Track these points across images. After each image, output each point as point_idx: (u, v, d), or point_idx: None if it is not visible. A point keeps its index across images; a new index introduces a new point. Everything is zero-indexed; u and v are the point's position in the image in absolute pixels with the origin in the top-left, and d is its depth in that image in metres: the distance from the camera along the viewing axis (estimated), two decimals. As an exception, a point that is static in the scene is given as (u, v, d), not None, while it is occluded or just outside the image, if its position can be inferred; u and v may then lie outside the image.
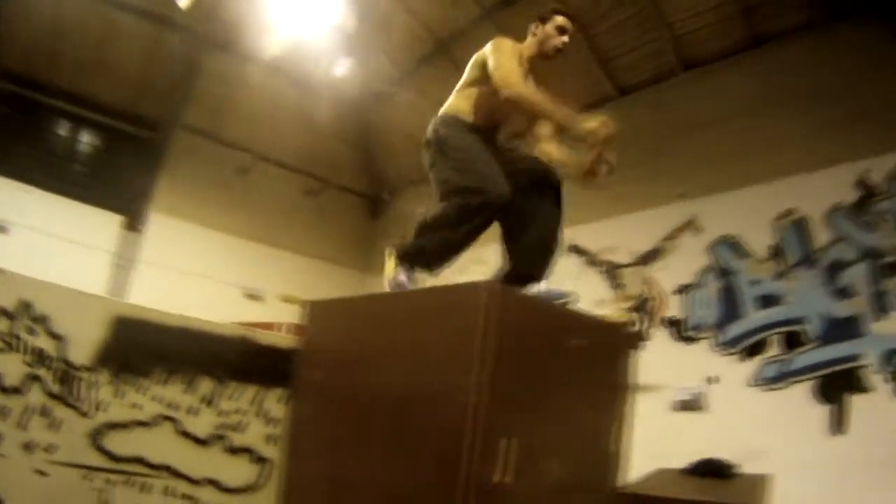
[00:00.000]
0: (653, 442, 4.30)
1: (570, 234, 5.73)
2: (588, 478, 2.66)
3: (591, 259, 5.85)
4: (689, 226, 5.44)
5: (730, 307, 5.29)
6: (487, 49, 2.45)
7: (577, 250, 5.93)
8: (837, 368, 4.89)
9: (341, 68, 6.52)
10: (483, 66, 2.45)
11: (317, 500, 2.41)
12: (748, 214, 5.25)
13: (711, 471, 3.41)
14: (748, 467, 3.60)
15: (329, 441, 2.46)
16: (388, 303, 2.70)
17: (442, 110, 2.57)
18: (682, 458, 3.65)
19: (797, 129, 5.19)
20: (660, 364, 5.42)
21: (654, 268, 5.59)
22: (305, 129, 7.27)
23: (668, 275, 5.53)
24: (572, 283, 5.84)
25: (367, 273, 7.80)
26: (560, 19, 2.56)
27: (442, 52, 6.20)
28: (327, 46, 6.40)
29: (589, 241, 5.87)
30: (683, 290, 5.45)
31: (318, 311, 2.74)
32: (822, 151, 5.13)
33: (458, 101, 2.56)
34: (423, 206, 2.67)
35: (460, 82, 2.60)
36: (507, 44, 2.45)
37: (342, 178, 8.03)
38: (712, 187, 5.37)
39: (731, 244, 5.32)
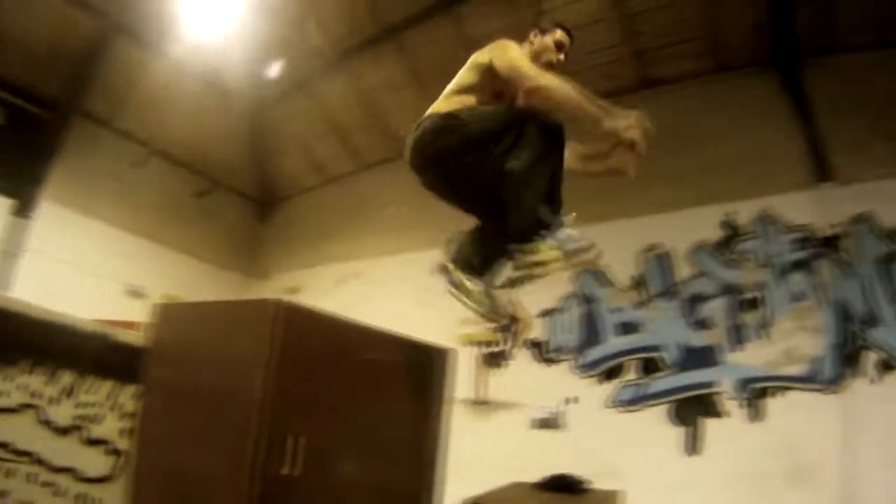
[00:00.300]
0: (513, 457, 4.43)
1: (442, 253, 5.89)
2: (399, 482, 2.90)
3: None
4: (561, 254, 5.57)
5: (590, 332, 5.50)
6: (490, 50, 2.30)
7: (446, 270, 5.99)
8: (693, 394, 5.25)
9: (241, 69, 6.50)
10: (482, 69, 2.30)
11: (156, 490, 2.53)
12: (614, 247, 5.42)
13: (563, 486, 3.54)
14: (605, 484, 3.75)
15: (166, 434, 2.60)
16: (210, 309, 2.90)
17: (431, 111, 2.34)
18: (540, 473, 3.76)
19: (670, 170, 5.45)
20: (521, 383, 5.67)
21: (522, 291, 5.66)
22: (202, 128, 7.16)
23: (534, 299, 5.64)
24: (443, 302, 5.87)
25: (252, 277, 7.68)
26: (560, 34, 2.49)
27: (338, 63, 6.27)
28: (231, 46, 6.39)
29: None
30: (547, 313, 5.57)
31: (168, 313, 2.86)
32: (692, 191, 5.39)
33: (448, 105, 2.32)
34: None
35: (450, 87, 2.40)
36: (513, 44, 2.33)
37: (233, 180, 7.92)
38: (583, 219, 5.50)
39: (595, 273, 5.50)
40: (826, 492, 5.07)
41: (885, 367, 5.24)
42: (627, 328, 5.46)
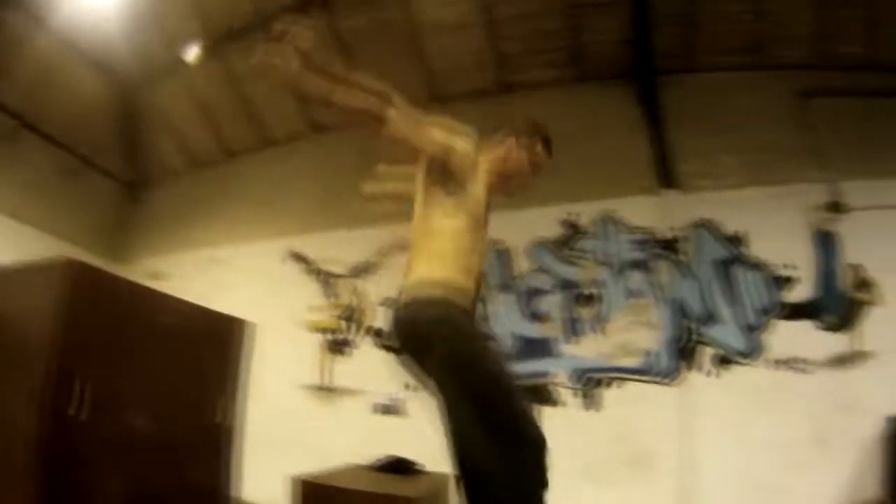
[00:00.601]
0: (356, 442, 4.36)
1: (294, 242, 5.87)
2: (188, 438, 3.21)
3: (310, 267, 5.87)
4: (401, 244, 5.57)
5: None
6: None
7: (298, 258, 5.95)
8: (529, 382, 5.32)
9: (120, 48, 6.46)
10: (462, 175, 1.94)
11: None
12: None
13: (396, 467, 3.69)
14: (443, 468, 3.68)
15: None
16: (9, 270, 3.07)
17: (426, 281, 1.91)
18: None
19: None
20: (365, 370, 5.64)
21: (366, 280, 5.68)
22: (76, 106, 7.05)
23: (377, 288, 5.64)
24: (293, 290, 5.89)
25: (116, 261, 7.45)
26: (541, 149, 2.21)
27: (213, 49, 6.27)
28: (113, 24, 6.36)
29: (311, 251, 5.90)
30: (388, 302, 5.51)
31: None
32: (537, 192, 5.42)
33: (446, 270, 1.90)
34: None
35: (431, 224, 2.00)
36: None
37: (104, 161, 7.76)
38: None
39: (435, 266, 5.44)
40: (664, 479, 5.15)
41: (722, 361, 5.33)
42: (466, 318, 5.39)
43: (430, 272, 1.89)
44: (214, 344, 3.53)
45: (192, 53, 6.16)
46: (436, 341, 1.77)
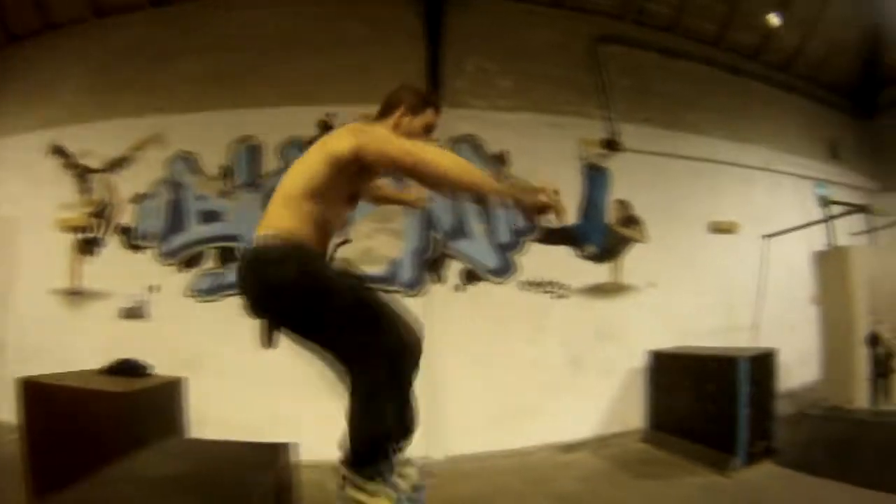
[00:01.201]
0: (101, 348, 4.05)
1: (59, 134, 5.55)
2: None
3: (69, 162, 5.55)
4: (157, 139, 5.35)
5: (175, 219, 5.22)
6: (351, 136, 1.85)
7: (59, 152, 5.61)
8: None
9: None
10: (341, 160, 1.83)
11: None
12: (208, 136, 5.31)
13: (124, 370, 3.56)
14: (187, 375, 3.67)
15: None
16: None
17: (272, 233, 1.82)
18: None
19: (282, 70, 5.41)
20: (112, 272, 5.31)
21: (120, 176, 5.40)
22: None
23: (129, 183, 5.36)
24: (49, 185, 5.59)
25: None
26: (431, 115, 2.11)
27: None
28: None
29: (73, 144, 5.59)
30: (139, 199, 5.23)
31: None
32: (297, 91, 5.33)
33: (292, 220, 1.83)
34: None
35: (291, 185, 1.89)
36: (379, 127, 1.97)
37: None
38: (186, 107, 5.37)
39: (187, 160, 5.27)
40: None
41: (470, 277, 5.21)
42: (210, 217, 5.21)
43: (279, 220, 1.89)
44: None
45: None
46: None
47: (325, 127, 5.24)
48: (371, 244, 5.15)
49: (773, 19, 7.12)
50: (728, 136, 6.75)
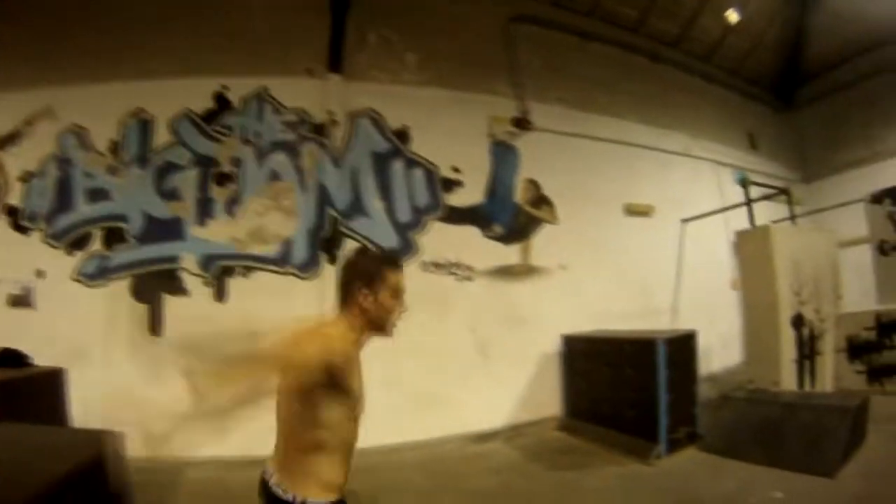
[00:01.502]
0: None
1: None
2: None
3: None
4: (47, 113, 5.12)
5: (63, 198, 4.98)
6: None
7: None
8: (155, 268, 4.80)
9: None
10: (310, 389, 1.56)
11: None
12: (98, 110, 5.07)
13: (5, 360, 3.48)
14: (73, 365, 3.63)
15: None
16: None
17: (300, 497, 1.54)
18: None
19: (174, 40, 5.16)
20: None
21: (8, 153, 5.15)
22: None
23: (18, 160, 5.12)
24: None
25: None
26: (395, 278, 1.74)
27: None
28: None
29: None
30: (28, 177, 5.01)
31: None
32: (191, 62, 5.13)
33: (307, 477, 1.58)
34: None
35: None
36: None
37: None
38: (79, 79, 5.15)
39: (78, 135, 5.05)
40: None
41: (368, 260, 5.02)
42: (97, 195, 4.97)
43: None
44: None
45: None
46: None
47: (222, 100, 5.09)
48: (262, 222, 4.97)
49: (733, 15, 7.19)
50: (646, 120, 6.76)
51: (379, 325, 1.73)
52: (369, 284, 1.70)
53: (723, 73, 7.93)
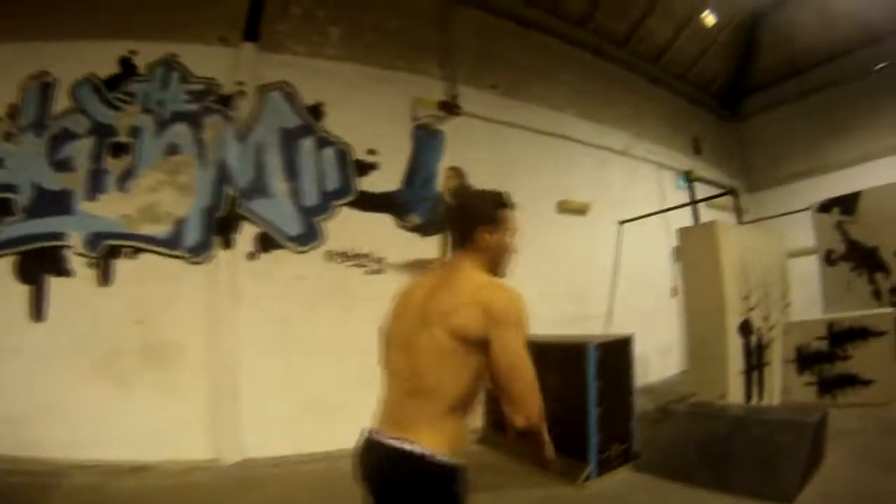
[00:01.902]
0: None
1: None
2: None
3: None
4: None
5: None
6: (500, 318, 1.45)
7: None
8: (39, 245, 4.42)
9: None
10: (477, 344, 1.47)
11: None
12: (3, 70, 4.72)
13: None
14: None
15: None
16: None
17: (429, 451, 1.45)
18: None
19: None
20: None
21: None
22: None
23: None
24: None
25: None
26: (511, 216, 1.69)
27: None
28: None
29: None
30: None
31: None
32: (96, 21, 4.84)
33: (442, 434, 1.51)
34: None
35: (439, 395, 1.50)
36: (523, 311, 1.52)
37: None
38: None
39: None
40: (192, 379, 4.40)
41: (268, 243, 4.78)
42: (-10, 163, 4.61)
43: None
44: None
45: None
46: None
47: (128, 65, 4.80)
48: (155, 198, 4.65)
49: (709, 17, 7.05)
50: (584, 115, 6.59)
51: (497, 264, 1.68)
52: (490, 224, 1.64)
53: (670, 76, 7.82)
